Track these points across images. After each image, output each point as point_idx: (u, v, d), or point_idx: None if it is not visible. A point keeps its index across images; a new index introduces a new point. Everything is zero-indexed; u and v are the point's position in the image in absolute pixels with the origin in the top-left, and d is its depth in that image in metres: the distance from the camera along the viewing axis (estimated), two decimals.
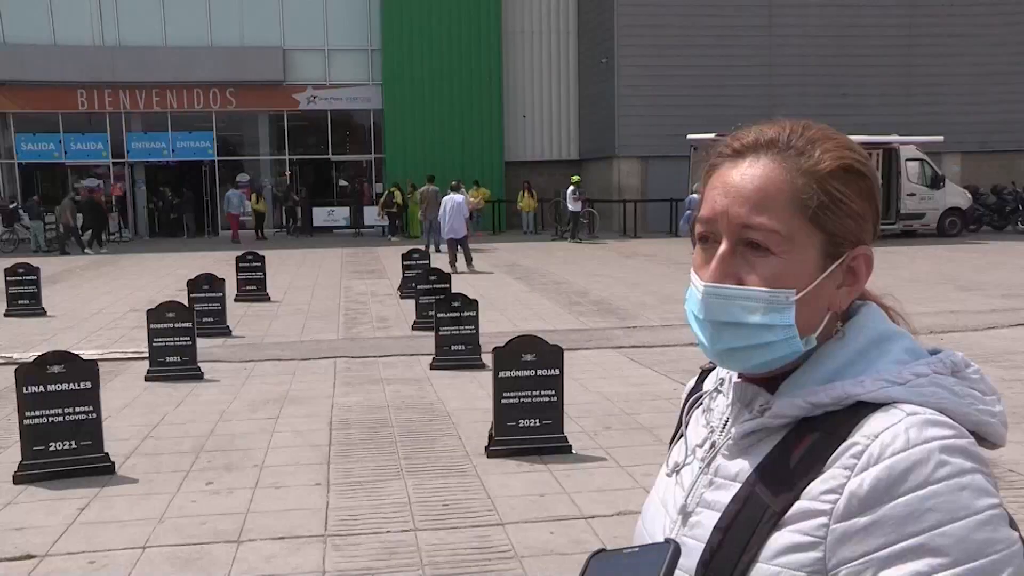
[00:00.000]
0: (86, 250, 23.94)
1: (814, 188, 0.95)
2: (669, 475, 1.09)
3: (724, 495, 0.98)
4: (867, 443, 0.88)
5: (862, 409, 0.91)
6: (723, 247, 0.97)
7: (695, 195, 20.04)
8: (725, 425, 1.04)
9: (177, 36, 28.77)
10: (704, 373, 1.19)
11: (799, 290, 0.95)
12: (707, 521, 0.98)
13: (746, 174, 0.97)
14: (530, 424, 5.89)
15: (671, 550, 0.87)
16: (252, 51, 29.13)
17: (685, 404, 1.17)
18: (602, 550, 0.92)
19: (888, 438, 0.87)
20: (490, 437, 5.97)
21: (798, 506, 0.90)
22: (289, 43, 29.54)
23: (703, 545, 0.96)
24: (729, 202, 0.97)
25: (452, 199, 17.84)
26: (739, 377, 1.05)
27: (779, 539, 0.90)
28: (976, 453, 0.88)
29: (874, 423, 0.89)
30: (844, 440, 0.90)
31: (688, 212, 22.52)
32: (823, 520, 0.88)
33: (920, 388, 0.92)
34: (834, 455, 0.90)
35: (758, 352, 0.97)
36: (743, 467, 0.98)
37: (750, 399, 1.02)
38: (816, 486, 0.89)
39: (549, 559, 4.29)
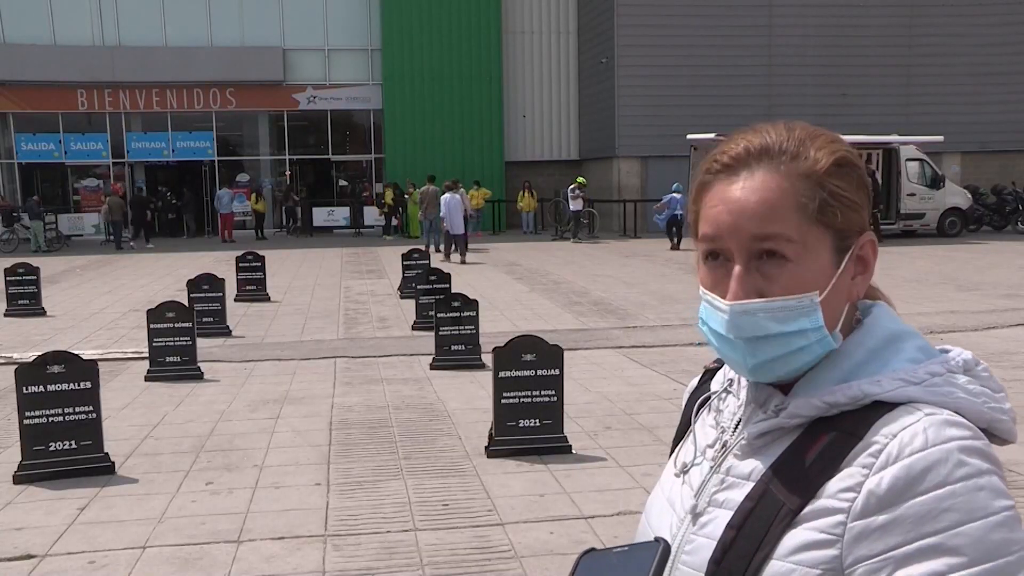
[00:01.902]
0: (133, 244, 25.30)
1: (816, 189, 0.96)
2: (677, 475, 1.09)
3: (737, 494, 0.98)
4: (886, 442, 0.89)
5: (879, 408, 0.92)
6: (738, 267, 0.97)
7: (675, 195, 20.16)
8: (737, 425, 1.04)
9: (177, 36, 28.76)
10: (707, 372, 1.19)
11: (821, 291, 0.96)
12: (719, 520, 0.98)
13: (747, 187, 0.97)
14: (530, 424, 5.89)
15: (660, 549, 0.87)
16: (252, 51, 29.14)
17: (691, 404, 1.17)
18: (592, 549, 0.92)
19: (907, 437, 0.88)
20: (490, 437, 5.97)
21: (815, 504, 0.90)
22: (289, 43, 29.54)
23: (715, 543, 0.96)
24: (735, 219, 0.97)
25: (454, 198, 18.69)
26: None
27: (795, 537, 0.91)
28: (991, 454, 0.89)
29: (893, 422, 0.90)
30: (861, 439, 0.91)
31: (663, 212, 22.54)
32: (840, 518, 0.88)
33: (936, 388, 0.92)
34: (852, 453, 0.90)
35: (794, 358, 0.97)
36: (757, 467, 0.98)
37: (764, 399, 1.02)
38: (833, 484, 0.90)
39: (549, 559, 4.29)
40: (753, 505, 0.95)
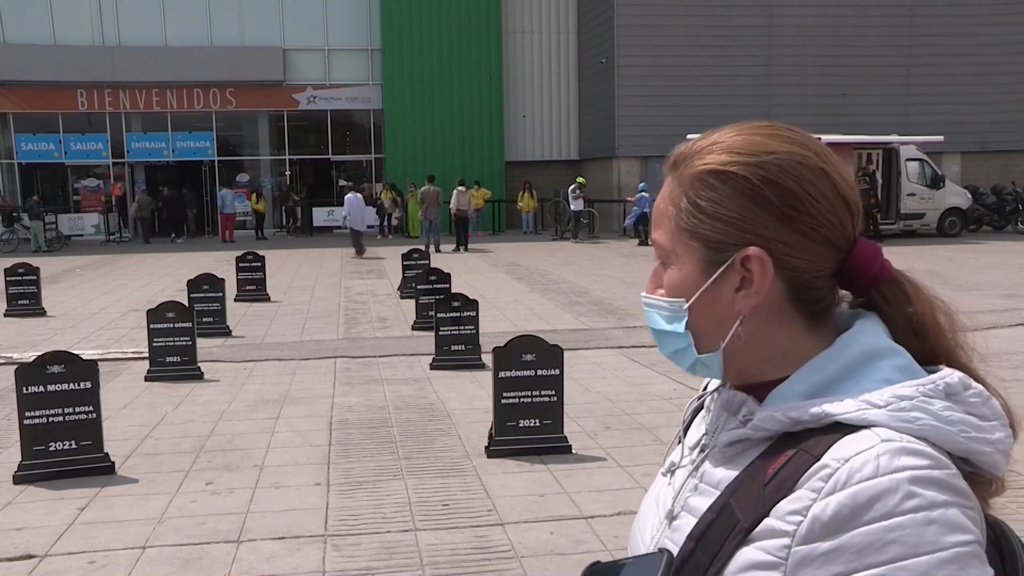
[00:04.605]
0: (180, 240, 27.22)
1: (681, 198, 0.99)
2: (664, 474, 1.09)
3: (704, 502, 0.96)
4: (837, 467, 0.85)
5: (840, 430, 0.88)
6: (655, 264, 1.05)
7: (643, 194, 20.75)
8: (717, 430, 1.03)
9: (177, 36, 28.76)
10: None
11: (687, 299, 0.99)
12: (686, 526, 0.97)
13: (660, 194, 1.04)
14: (530, 424, 5.89)
15: (664, 560, 0.86)
16: (252, 51, 29.13)
17: (697, 401, 1.16)
18: (597, 563, 0.92)
19: (858, 464, 0.84)
20: (490, 437, 5.97)
21: (765, 523, 0.88)
22: (289, 43, 29.54)
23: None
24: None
25: (357, 197, 21.06)
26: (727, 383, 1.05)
27: (744, 555, 0.88)
28: (955, 485, 0.84)
29: (846, 446, 0.86)
30: (818, 460, 0.87)
31: (636, 210, 23.20)
32: (786, 541, 0.86)
33: (902, 412, 0.87)
34: (805, 475, 0.87)
35: (681, 356, 1.02)
36: (725, 476, 0.96)
37: (737, 407, 1.00)
38: (784, 505, 0.87)
39: (549, 559, 4.29)
40: (714, 518, 0.93)
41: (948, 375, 0.92)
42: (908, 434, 0.86)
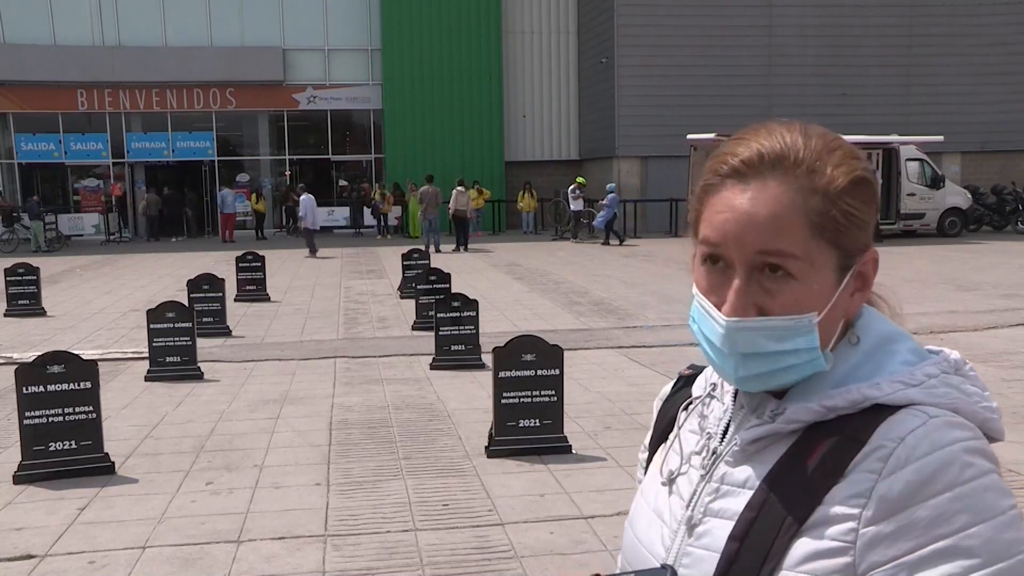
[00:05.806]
0: (176, 239, 27.69)
1: (829, 207, 0.93)
2: (664, 484, 1.06)
3: (734, 503, 0.96)
4: (892, 446, 0.88)
5: (879, 412, 0.91)
6: (738, 280, 0.94)
7: (612, 195, 20.81)
8: (725, 431, 1.03)
9: (177, 36, 28.77)
10: (682, 379, 1.17)
11: (820, 310, 0.93)
12: (717, 530, 0.96)
13: (757, 199, 0.93)
14: (530, 424, 5.89)
15: (669, 575, 0.86)
16: (252, 51, 29.14)
17: (666, 411, 1.15)
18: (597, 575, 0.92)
19: (913, 440, 0.87)
20: (490, 437, 5.97)
21: (821, 511, 0.89)
22: (289, 43, 29.54)
23: (716, 555, 0.94)
24: (742, 230, 0.93)
25: (310, 198, 22.38)
26: None
27: (803, 546, 0.89)
28: (992, 453, 0.89)
29: (897, 426, 0.89)
30: (864, 444, 0.89)
31: (608, 209, 23.05)
32: (851, 525, 0.87)
33: (934, 389, 0.92)
34: (856, 459, 0.89)
35: (782, 375, 0.95)
36: (752, 474, 0.96)
37: (757, 405, 1.00)
38: (840, 490, 0.89)
39: (549, 559, 4.29)
40: (755, 515, 0.93)
41: (951, 352, 0.98)
42: (945, 408, 0.91)
